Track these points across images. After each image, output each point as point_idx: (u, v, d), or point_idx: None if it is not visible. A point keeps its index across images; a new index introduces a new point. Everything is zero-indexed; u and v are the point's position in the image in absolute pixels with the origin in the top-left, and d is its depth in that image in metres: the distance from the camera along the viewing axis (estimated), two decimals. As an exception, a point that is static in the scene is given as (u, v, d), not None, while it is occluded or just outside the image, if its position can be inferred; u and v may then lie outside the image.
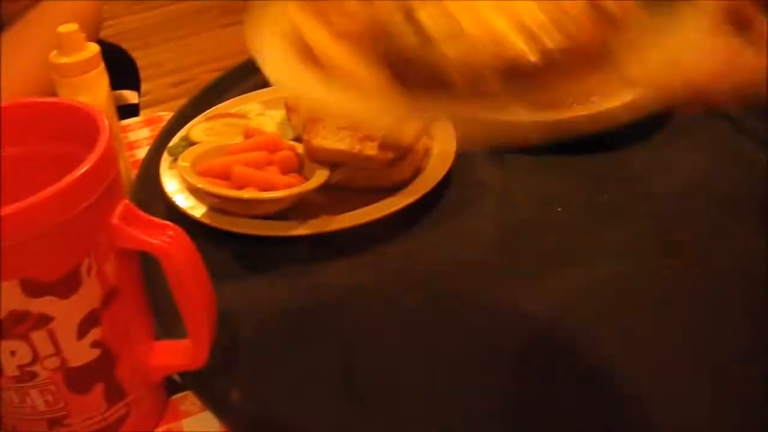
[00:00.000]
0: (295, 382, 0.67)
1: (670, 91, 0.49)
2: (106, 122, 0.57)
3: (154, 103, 2.74)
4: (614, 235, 0.80)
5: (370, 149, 0.80)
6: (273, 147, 0.83)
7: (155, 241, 0.56)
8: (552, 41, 0.47)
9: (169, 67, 3.25)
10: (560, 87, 0.49)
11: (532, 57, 0.47)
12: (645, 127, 0.93)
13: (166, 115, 1.13)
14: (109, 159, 0.55)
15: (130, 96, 1.51)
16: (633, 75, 0.49)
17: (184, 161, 0.82)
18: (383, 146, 0.80)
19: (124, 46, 1.70)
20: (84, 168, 0.52)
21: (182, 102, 1.02)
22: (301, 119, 0.86)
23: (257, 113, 0.93)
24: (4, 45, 1.17)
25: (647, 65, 0.49)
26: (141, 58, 1.89)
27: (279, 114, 0.92)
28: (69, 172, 0.52)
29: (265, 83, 1.02)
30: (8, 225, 0.49)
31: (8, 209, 0.49)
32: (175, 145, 0.89)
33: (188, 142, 0.89)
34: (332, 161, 0.82)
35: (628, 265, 0.76)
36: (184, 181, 0.82)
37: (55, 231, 0.52)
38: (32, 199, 0.50)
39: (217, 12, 3.77)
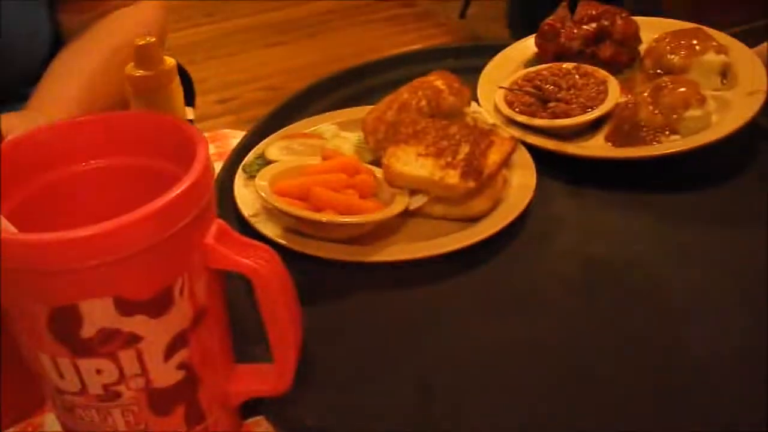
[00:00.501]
0: (370, 413, 0.65)
1: None
2: (204, 138, 0.56)
3: (199, 120, 2.74)
4: (694, 277, 0.77)
5: (452, 177, 0.79)
6: (352, 170, 0.82)
7: (249, 262, 0.55)
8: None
9: (213, 84, 3.26)
10: None
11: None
12: (727, 169, 0.91)
13: (231, 133, 1.12)
14: (207, 177, 0.54)
15: (188, 112, 1.51)
16: None
17: (261, 180, 0.80)
18: (465, 175, 0.78)
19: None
20: (184, 185, 0.51)
21: (226, 119, 1.01)
22: (380, 143, 0.85)
23: (332, 134, 0.92)
24: (70, 57, 1.17)
25: None
26: (185, 75, 1.90)
27: (354, 136, 0.91)
28: (161, 188, 0.51)
29: (339, 104, 1.02)
30: (105, 242, 0.48)
31: (106, 226, 0.48)
32: (251, 163, 0.88)
33: (264, 161, 0.88)
34: (412, 187, 0.81)
35: (710, 311, 0.74)
36: (260, 199, 0.81)
37: (152, 249, 0.50)
38: (130, 217, 0.49)
39: (261, 32, 3.78)
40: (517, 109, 0.94)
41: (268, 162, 0.87)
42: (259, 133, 0.95)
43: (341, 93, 1.06)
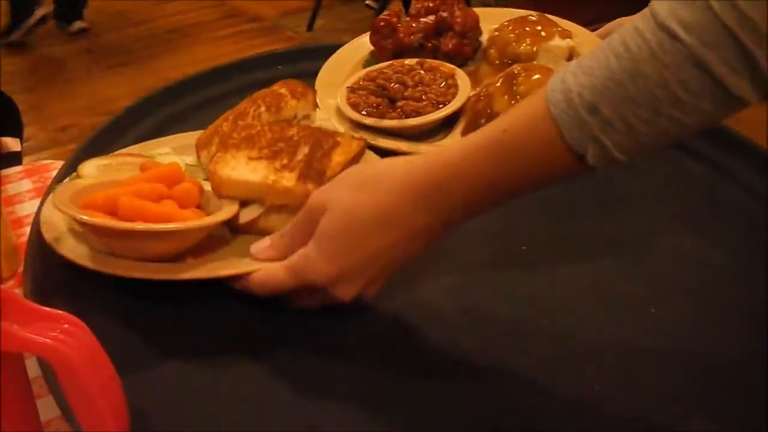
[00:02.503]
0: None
1: None
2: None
3: (36, 150, 2.48)
4: (587, 273, 0.68)
5: (288, 180, 0.64)
6: (172, 180, 0.66)
7: (43, 340, 0.39)
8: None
9: (51, 112, 2.98)
10: None
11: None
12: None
13: (52, 164, 0.94)
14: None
15: (11, 143, 1.31)
16: None
17: (61, 194, 0.63)
18: (303, 177, 0.64)
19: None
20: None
21: (68, 148, 0.82)
22: (213, 156, 0.69)
23: (166, 154, 0.75)
24: None
25: None
26: (20, 102, 1.67)
27: (190, 158, 0.74)
28: None
29: (167, 121, 0.86)
30: None
31: None
32: (62, 185, 0.70)
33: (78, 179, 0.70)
34: (243, 196, 0.66)
35: (608, 311, 0.64)
36: (64, 219, 0.64)
37: None
38: None
39: (100, 55, 3.52)
40: (363, 112, 0.81)
41: None
42: (79, 161, 0.77)
43: (168, 109, 0.89)
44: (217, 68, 0.99)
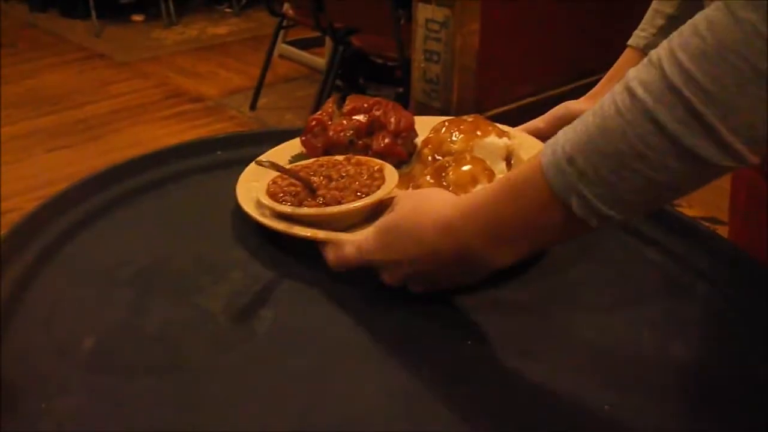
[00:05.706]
0: None
1: None
2: None
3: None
4: (537, 371, 0.65)
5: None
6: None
7: None
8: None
9: (-10, 196, 2.90)
10: None
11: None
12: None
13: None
14: None
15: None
16: None
17: None
18: None
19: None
20: None
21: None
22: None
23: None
24: None
25: None
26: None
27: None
28: None
29: (96, 212, 0.82)
30: None
31: None
32: None
33: None
34: None
35: (560, 410, 0.61)
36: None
37: None
38: None
39: (40, 137, 3.47)
40: (282, 201, 0.78)
41: None
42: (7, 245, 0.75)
43: (104, 195, 0.87)
44: (154, 153, 0.97)
